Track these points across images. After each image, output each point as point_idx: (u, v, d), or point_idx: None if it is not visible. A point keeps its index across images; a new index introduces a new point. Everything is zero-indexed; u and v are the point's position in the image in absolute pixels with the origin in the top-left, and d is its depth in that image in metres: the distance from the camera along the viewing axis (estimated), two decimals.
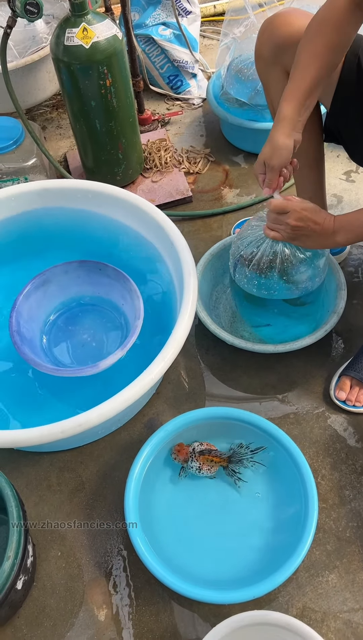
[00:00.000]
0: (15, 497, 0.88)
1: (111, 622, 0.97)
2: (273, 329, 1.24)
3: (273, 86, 1.12)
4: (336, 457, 1.12)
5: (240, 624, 0.84)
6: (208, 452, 1.04)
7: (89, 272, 1.22)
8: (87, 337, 1.23)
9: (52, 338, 1.23)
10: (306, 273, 1.09)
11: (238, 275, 1.15)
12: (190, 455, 1.05)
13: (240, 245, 1.13)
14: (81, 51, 1.27)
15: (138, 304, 1.13)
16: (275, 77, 1.09)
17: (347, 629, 0.94)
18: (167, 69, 1.87)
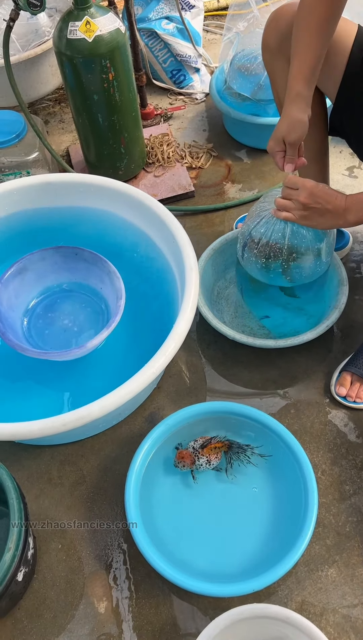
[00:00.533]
0: (16, 490, 0.89)
1: (111, 615, 0.98)
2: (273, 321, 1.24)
3: (278, 76, 1.12)
4: (336, 452, 1.12)
5: (240, 616, 0.85)
6: (207, 442, 1.05)
7: (65, 258, 1.22)
8: (68, 322, 1.23)
9: (32, 326, 1.23)
10: (312, 259, 1.10)
11: (246, 255, 1.15)
12: (194, 455, 1.04)
13: (250, 224, 1.13)
14: (84, 44, 1.27)
15: (118, 284, 1.13)
16: (280, 67, 1.10)
17: (346, 623, 0.94)
18: (170, 64, 1.87)
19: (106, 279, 1.18)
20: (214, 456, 1.05)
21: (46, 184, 1.28)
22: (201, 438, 1.07)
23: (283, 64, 1.09)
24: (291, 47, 0.98)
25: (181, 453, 1.05)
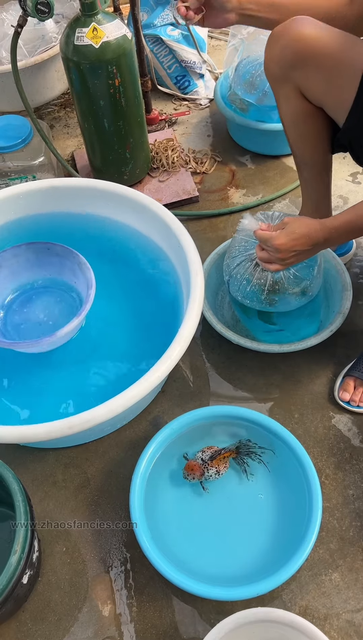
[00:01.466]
0: (22, 492, 0.89)
1: (114, 618, 0.98)
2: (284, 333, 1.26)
3: (283, 104, 1.09)
4: (340, 456, 1.12)
5: (245, 620, 0.85)
6: (217, 453, 1.04)
7: (37, 254, 1.22)
8: (44, 317, 1.23)
9: (8, 321, 1.23)
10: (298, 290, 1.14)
11: (232, 289, 1.18)
12: (204, 467, 1.04)
13: (230, 264, 1.17)
14: (91, 51, 1.28)
15: (88, 275, 1.14)
16: (285, 95, 1.07)
17: (350, 628, 0.94)
18: (175, 69, 1.88)
19: (78, 270, 1.18)
20: (224, 466, 1.05)
21: (52, 188, 1.29)
22: (208, 449, 1.06)
23: (288, 91, 1.06)
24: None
25: (190, 465, 1.04)
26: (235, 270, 1.15)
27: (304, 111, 1.07)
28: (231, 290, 1.19)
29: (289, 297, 1.15)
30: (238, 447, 1.06)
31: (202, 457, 1.05)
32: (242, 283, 1.15)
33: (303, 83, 1.03)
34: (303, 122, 1.10)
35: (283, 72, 1.03)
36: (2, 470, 0.91)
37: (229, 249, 1.19)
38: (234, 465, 1.08)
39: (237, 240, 1.16)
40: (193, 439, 1.10)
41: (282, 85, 1.06)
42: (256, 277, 1.13)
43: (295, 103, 1.06)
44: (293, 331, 1.25)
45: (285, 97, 1.08)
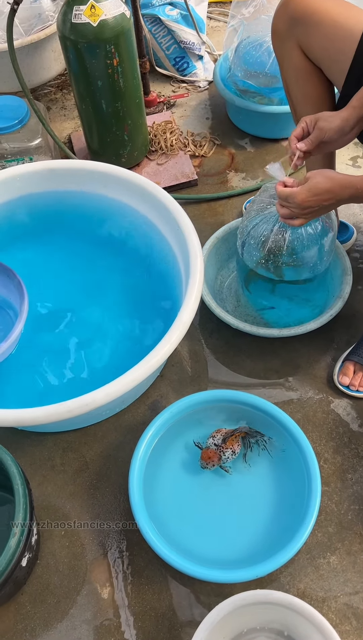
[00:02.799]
0: (21, 475, 0.89)
1: (113, 601, 0.98)
2: (277, 312, 1.24)
3: (286, 61, 1.12)
4: (339, 441, 1.12)
5: (243, 602, 0.85)
6: (229, 435, 1.04)
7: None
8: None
9: None
10: (314, 252, 1.09)
11: (246, 255, 1.14)
12: (219, 451, 1.03)
13: (248, 224, 1.12)
14: (89, 29, 1.25)
15: (20, 288, 1.09)
16: (288, 51, 1.10)
17: (348, 610, 0.95)
18: (173, 50, 1.85)
19: (12, 286, 1.13)
20: (237, 444, 1.04)
21: (49, 170, 1.28)
22: (217, 432, 1.06)
23: (291, 48, 1.08)
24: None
25: (207, 453, 1.03)
26: (252, 231, 1.12)
27: (306, 69, 1.10)
28: (245, 253, 1.16)
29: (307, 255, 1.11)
30: (247, 430, 1.06)
31: (215, 442, 1.04)
32: (258, 245, 1.11)
33: (304, 40, 1.06)
34: (305, 80, 1.12)
35: (287, 28, 1.07)
36: (1, 453, 0.91)
37: (247, 211, 1.16)
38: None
39: (257, 202, 1.13)
40: (191, 424, 1.10)
41: (285, 42, 1.09)
42: (271, 239, 1.09)
43: (297, 60, 1.09)
44: (285, 312, 1.24)
45: (287, 54, 1.10)
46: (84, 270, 1.29)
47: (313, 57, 1.08)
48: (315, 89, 1.13)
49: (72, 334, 1.20)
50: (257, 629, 0.90)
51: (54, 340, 1.19)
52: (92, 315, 1.23)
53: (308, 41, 1.06)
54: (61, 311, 1.23)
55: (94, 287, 1.26)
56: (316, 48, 1.06)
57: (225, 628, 0.88)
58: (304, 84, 1.13)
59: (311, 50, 1.07)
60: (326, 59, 1.06)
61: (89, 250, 1.31)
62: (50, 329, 1.21)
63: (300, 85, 1.14)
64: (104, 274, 1.28)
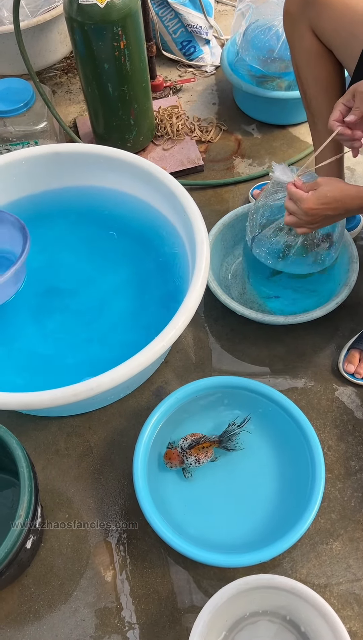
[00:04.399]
0: (26, 459, 0.89)
1: (117, 583, 0.99)
2: (282, 302, 1.24)
3: (297, 43, 1.11)
4: (343, 428, 1.12)
5: (246, 586, 0.86)
6: (196, 442, 1.03)
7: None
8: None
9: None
10: (324, 247, 1.09)
11: (256, 249, 1.14)
12: (182, 455, 1.03)
13: (258, 218, 1.12)
14: (96, 10, 1.24)
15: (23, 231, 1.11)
16: (300, 33, 1.08)
17: (350, 595, 0.96)
18: (180, 34, 1.83)
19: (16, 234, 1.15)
20: (204, 455, 1.03)
21: (55, 154, 1.27)
22: (191, 436, 1.05)
23: (303, 30, 1.07)
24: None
25: (169, 453, 1.04)
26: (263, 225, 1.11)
27: (317, 51, 1.09)
28: (255, 247, 1.15)
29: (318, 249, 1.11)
30: (220, 437, 1.05)
31: (182, 445, 1.03)
32: (269, 240, 1.11)
33: (316, 22, 1.05)
34: (316, 63, 1.11)
35: (299, 9, 1.06)
36: (6, 436, 0.91)
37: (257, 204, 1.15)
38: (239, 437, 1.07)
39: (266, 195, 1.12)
40: (196, 410, 1.10)
41: (297, 24, 1.08)
42: (284, 235, 1.09)
43: (309, 42, 1.08)
44: (291, 301, 1.24)
45: (299, 36, 1.09)
46: (89, 254, 1.28)
47: (325, 40, 1.07)
48: (326, 71, 1.12)
49: (78, 318, 1.20)
50: (259, 613, 0.91)
51: (59, 324, 1.18)
52: (97, 300, 1.22)
53: (320, 23, 1.05)
54: (66, 295, 1.23)
55: (100, 272, 1.26)
56: (328, 30, 1.05)
57: (228, 612, 0.89)
58: (315, 66, 1.12)
59: (323, 32, 1.06)
60: (338, 41, 1.05)
61: (94, 234, 1.30)
62: (55, 312, 1.20)
63: (311, 68, 1.13)
64: (110, 258, 1.27)
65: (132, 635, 0.94)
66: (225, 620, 0.90)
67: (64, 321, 1.20)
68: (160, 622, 0.95)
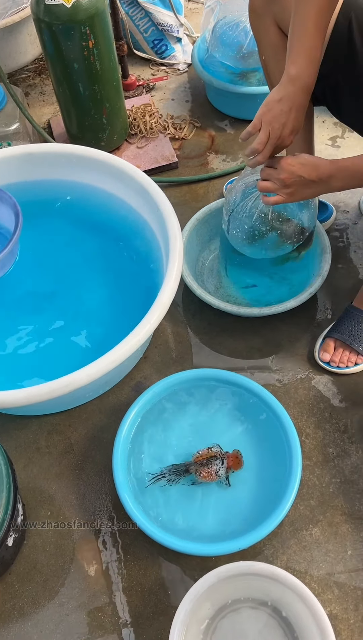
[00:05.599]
0: (3, 455, 0.90)
1: (100, 577, 1.00)
2: (259, 290, 1.26)
3: (263, 38, 1.12)
4: (320, 416, 1.14)
5: (227, 574, 0.87)
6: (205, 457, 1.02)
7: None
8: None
9: None
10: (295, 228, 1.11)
11: (232, 230, 1.15)
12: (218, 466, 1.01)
13: (231, 200, 1.13)
14: (63, 10, 1.24)
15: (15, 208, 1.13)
16: (265, 28, 1.10)
17: (329, 578, 0.97)
18: (151, 33, 1.84)
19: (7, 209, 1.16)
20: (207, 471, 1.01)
21: (28, 154, 1.27)
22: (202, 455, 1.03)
23: (268, 25, 1.08)
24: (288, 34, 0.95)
25: (233, 460, 1.02)
26: (239, 206, 1.12)
27: (283, 46, 1.09)
28: (231, 228, 1.15)
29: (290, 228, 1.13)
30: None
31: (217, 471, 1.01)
32: (244, 218, 1.12)
33: (281, 16, 1.06)
34: (282, 57, 1.09)
35: (264, 4, 1.07)
36: None
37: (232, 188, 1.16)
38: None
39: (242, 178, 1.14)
40: (175, 404, 1.11)
41: (262, 20, 1.09)
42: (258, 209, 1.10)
43: (274, 37, 1.09)
44: (266, 289, 1.26)
45: (264, 31, 1.11)
46: (65, 252, 1.29)
47: None
48: None
49: (54, 316, 1.20)
50: (241, 600, 0.92)
51: (35, 322, 1.19)
52: (73, 297, 1.23)
53: (286, 18, 1.05)
54: (42, 294, 1.24)
55: (76, 270, 1.27)
56: None
57: (210, 600, 0.90)
58: (282, 61, 1.11)
59: (287, 26, 1.07)
60: None
61: (69, 232, 1.31)
62: (31, 311, 1.21)
63: (278, 62, 1.13)
64: (85, 256, 1.28)
65: (117, 627, 0.95)
66: (208, 609, 0.91)
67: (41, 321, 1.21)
68: (144, 614, 0.96)
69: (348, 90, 1.07)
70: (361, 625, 0.93)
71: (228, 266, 1.27)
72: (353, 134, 1.61)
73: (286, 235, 1.12)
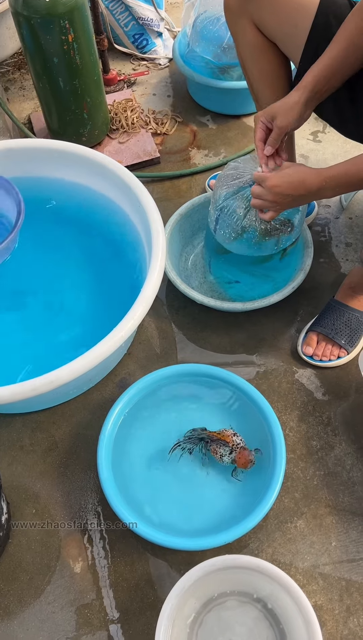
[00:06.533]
0: None
1: (87, 574, 1.00)
2: (242, 287, 1.26)
3: (240, 37, 1.11)
4: (303, 409, 1.15)
5: (212, 567, 0.87)
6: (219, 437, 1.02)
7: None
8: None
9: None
10: (285, 231, 1.12)
11: (220, 230, 1.15)
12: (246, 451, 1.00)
13: (222, 196, 1.12)
14: (41, 4, 1.23)
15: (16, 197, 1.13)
16: (242, 28, 1.09)
17: (314, 570, 0.98)
18: (132, 27, 1.83)
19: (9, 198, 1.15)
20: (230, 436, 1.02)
21: (7, 150, 1.26)
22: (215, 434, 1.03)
23: (244, 25, 1.07)
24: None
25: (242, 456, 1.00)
26: (227, 205, 1.12)
27: (260, 45, 1.09)
28: (219, 228, 1.15)
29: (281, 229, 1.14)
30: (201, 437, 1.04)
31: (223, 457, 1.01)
32: (233, 219, 1.12)
33: (257, 16, 1.05)
34: (260, 56, 1.11)
35: (239, 4, 1.06)
36: None
37: (217, 186, 1.16)
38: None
39: (224, 178, 1.13)
40: (159, 399, 1.11)
41: (239, 19, 1.08)
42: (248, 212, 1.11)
43: (251, 36, 1.08)
44: (249, 286, 1.26)
45: (241, 31, 1.09)
46: (47, 249, 1.28)
47: (268, 33, 1.07)
48: (271, 64, 1.12)
49: (37, 312, 1.20)
50: (227, 593, 0.93)
51: (19, 319, 1.18)
52: (56, 293, 1.22)
53: (262, 17, 1.05)
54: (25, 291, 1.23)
55: (58, 266, 1.26)
56: (270, 24, 1.05)
57: (196, 594, 0.90)
58: (259, 60, 1.12)
59: (265, 26, 1.06)
60: (281, 34, 1.05)
61: (50, 229, 1.30)
62: (15, 308, 1.20)
63: (256, 62, 1.13)
64: (67, 252, 1.27)
65: (104, 623, 0.95)
66: (194, 603, 0.91)
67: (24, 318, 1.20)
68: (131, 609, 0.96)
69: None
70: (345, 615, 0.94)
71: (212, 262, 1.27)
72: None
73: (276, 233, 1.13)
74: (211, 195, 1.19)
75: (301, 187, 0.96)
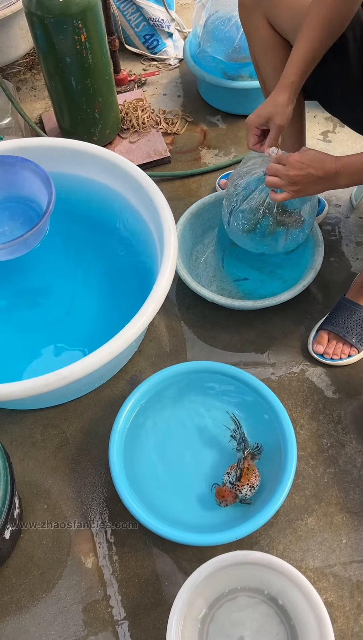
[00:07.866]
0: (0, 449, 0.90)
1: (98, 569, 1.00)
2: (252, 283, 1.26)
3: (253, 34, 1.12)
4: (314, 407, 1.15)
5: (224, 563, 0.88)
6: (240, 470, 0.99)
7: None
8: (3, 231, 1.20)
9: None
10: (296, 223, 1.13)
11: (235, 224, 1.15)
12: (234, 489, 0.98)
13: (233, 193, 1.13)
14: (55, 4, 1.24)
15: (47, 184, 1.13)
16: (255, 24, 1.10)
17: (325, 567, 0.98)
18: (143, 28, 1.84)
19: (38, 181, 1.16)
20: (255, 476, 0.99)
21: (20, 149, 1.26)
22: (231, 468, 1.01)
23: (258, 21, 1.09)
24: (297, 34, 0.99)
25: (220, 492, 0.98)
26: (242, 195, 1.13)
27: (273, 41, 1.11)
28: (233, 220, 1.16)
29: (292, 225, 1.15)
30: (252, 452, 1.03)
31: (229, 480, 0.99)
32: (248, 210, 1.13)
33: (271, 12, 1.07)
34: (273, 53, 1.12)
35: (254, 1, 1.08)
36: None
37: (231, 181, 1.17)
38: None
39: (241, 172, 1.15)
40: (170, 396, 1.11)
41: (252, 15, 1.10)
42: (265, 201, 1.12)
43: (265, 32, 1.10)
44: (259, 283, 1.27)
45: (255, 27, 1.11)
46: (59, 247, 1.29)
47: (281, 30, 1.09)
48: (283, 61, 1.12)
49: (50, 309, 1.20)
50: (238, 589, 0.93)
51: (32, 316, 1.19)
52: (68, 291, 1.23)
53: (275, 13, 1.07)
54: (37, 289, 1.24)
55: (71, 264, 1.27)
56: (283, 20, 1.07)
57: (207, 589, 0.91)
58: (272, 56, 1.13)
59: (278, 22, 1.08)
60: (293, 30, 1.06)
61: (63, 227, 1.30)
62: (28, 305, 1.21)
63: (268, 58, 1.14)
64: (79, 250, 1.28)
65: (115, 619, 0.96)
66: (205, 598, 0.92)
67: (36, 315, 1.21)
68: (141, 605, 0.97)
69: (338, 84, 1.08)
70: (356, 612, 0.94)
71: (225, 257, 1.28)
72: (344, 129, 1.62)
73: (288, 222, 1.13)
74: (226, 189, 1.20)
75: (320, 168, 0.97)
